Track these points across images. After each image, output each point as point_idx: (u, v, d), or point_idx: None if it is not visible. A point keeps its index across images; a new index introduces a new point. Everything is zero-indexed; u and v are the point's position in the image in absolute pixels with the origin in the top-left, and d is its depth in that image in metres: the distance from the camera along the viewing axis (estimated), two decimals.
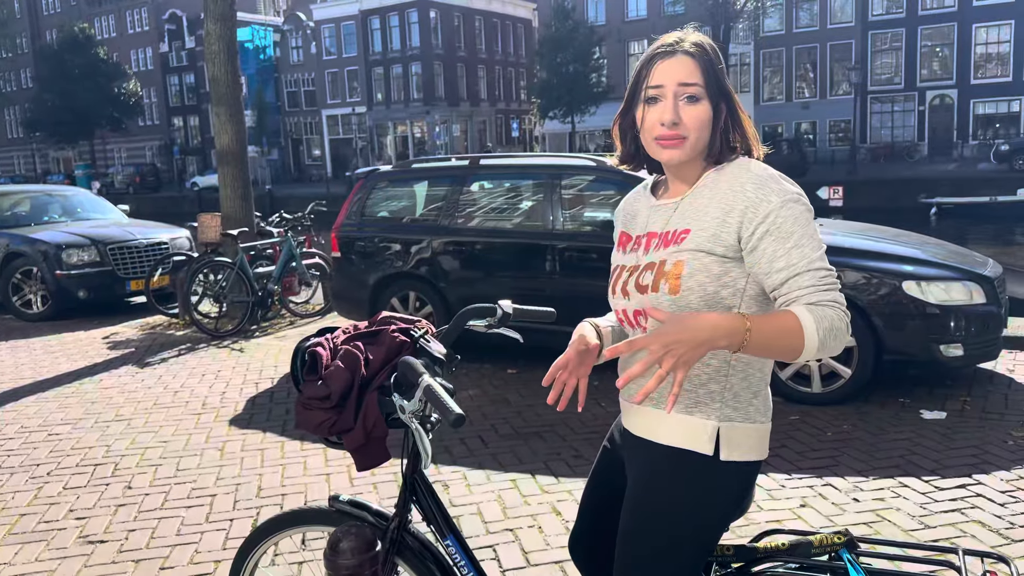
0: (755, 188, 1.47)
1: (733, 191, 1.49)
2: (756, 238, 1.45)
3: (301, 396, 1.70)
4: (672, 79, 1.52)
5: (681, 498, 1.54)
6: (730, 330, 1.33)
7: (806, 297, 1.41)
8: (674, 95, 1.51)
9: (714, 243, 1.48)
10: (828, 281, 1.43)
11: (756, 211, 1.45)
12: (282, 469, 4.13)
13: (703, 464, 1.53)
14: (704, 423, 1.53)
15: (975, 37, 35.93)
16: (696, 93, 1.51)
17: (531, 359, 6.08)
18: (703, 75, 1.51)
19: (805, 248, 1.43)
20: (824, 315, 1.38)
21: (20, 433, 4.87)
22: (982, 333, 4.79)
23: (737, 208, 1.47)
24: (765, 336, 1.35)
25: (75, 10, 62.91)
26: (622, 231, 1.73)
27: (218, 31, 7.97)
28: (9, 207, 9.90)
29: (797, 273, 1.42)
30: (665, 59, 1.54)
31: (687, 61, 1.52)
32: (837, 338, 1.39)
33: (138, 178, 49.62)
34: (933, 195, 24.49)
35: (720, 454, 1.53)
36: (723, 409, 1.53)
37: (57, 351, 7.20)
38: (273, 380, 5.89)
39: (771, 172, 1.50)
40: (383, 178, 6.88)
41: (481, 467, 4.06)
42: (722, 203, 1.49)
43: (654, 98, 1.54)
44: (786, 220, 1.44)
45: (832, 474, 3.82)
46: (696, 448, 1.53)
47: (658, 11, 41.36)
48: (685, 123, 1.51)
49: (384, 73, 51.18)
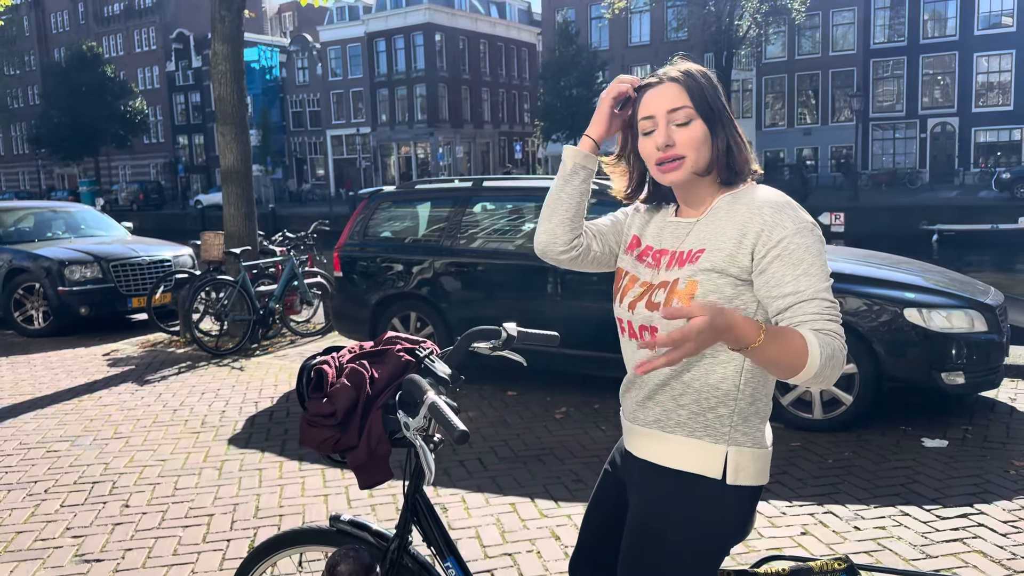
0: (772, 212, 1.49)
1: (751, 214, 1.51)
2: (767, 261, 1.47)
3: (306, 413, 1.71)
4: (661, 107, 1.56)
5: (686, 522, 1.54)
6: (746, 331, 1.32)
7: (810, 323, 1.42)
8: (665, 121, 1.55)
9: (729, 264, 1.50)
10: (832, 312, 1.45)
11: (771, 235, 1.47)
12: (280, 489, 4.11)
13: (710, 488, 1.53)
14: (712, 447, 1.54)
15: (976, 66, 36.18)
16: (686, 116, 1.55)
17: (530, 382, 6.06)
18: (691, 98, 1.55)
19: (813, 278, 1.45)
20: (827, 343, 1.40)
21: (18, 449, 4.86)
22: (984, 361, 4.79)
23: (752, 230, 1.49)
24: (774, 348, 1.36)
25: (84, 29, 63.53)
26: (635, 234, 1.75)
27: (225, 52, 8.04)
28: (13, 223, 9.94)
29: (803, 300, 1.44)
30: (652, 90, 1.59)
31: (672, 87, 1.57)
32: (835, 368, 1.41)
33: (142, 195, 49.88)
34: (934, 222, 24.54)
35: (727, 478, 1.53)
36: (732, 433, 1.54)
37: (57, 367, 7.19)
38: (272, 399, 5.88)
39: (788, 199, 1.54)
40: (386, 198, 6.91)
41: (480, 490, 4.04)
42: (739, 225, 1.51)
43: (649, 130, 1.58)
44: (798, 247, 1.46)
45: (833, 501, 3.80)
46: (704, 472, 1.53)
47: (661, 37, 41.71)
48: (679, 144, 1.55)
49: (389, 94, 51.56)
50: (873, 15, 37.93)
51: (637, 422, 1.65)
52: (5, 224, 9.78)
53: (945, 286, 5.10)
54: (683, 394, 1.56)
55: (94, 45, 51.11)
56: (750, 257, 1.49)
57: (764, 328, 1.34)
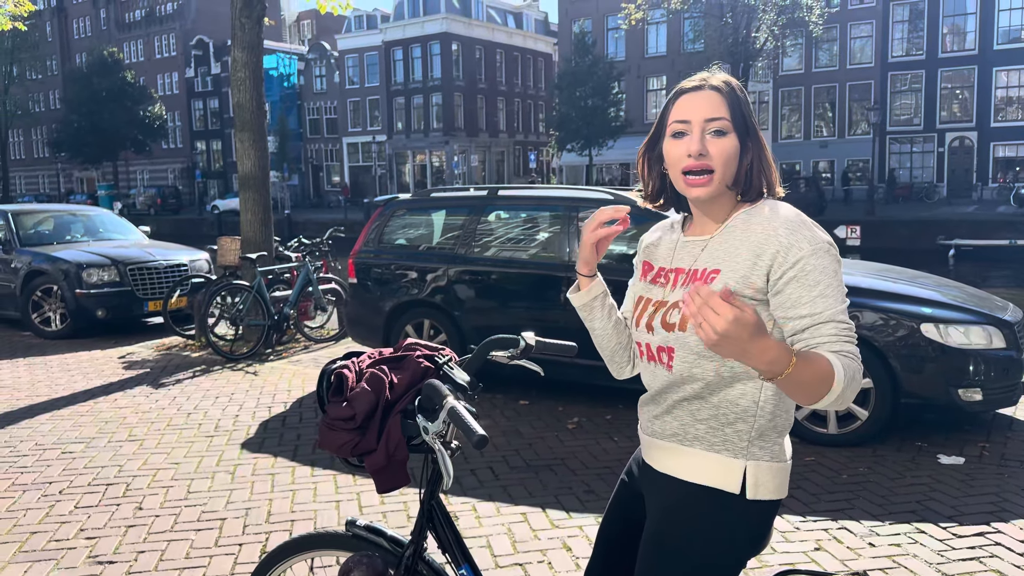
0: (788, 233, 1.47)
1: (766, 234, 1.49)
2: (783, 282, 1.46)
3: (325, 417, 1.72)
4: (699, 114, 1.53)
5: (704, 535, 1.53)
6: (776, 359, 1.26)
7: (827, 345, 1.41)
8: (701, 129, 1.53)
9: (743, 285, 1.49)
10: (848, 333, 1.44)
11: (787, 256, 1.46)
12: (292, 494, 4.12)
13: (728, 502, 1.53)
14: (731, 461, 1.53)
15: (995, 80, 35.96)
16: (723, 127, 1.52)
17: (543, 391, 6.06)
18: (729, 110, 1.53)
19: (829, 299, 1.44)
20: (848, 365, 1.39)
21: (34, 450, 4.90)
22: (1001, 378, 4.74)
23: (768, 252, 1.47)
24: (806, 373, 1.31)
25: (105, 35, 64.28)
26: (645, 260, 1.74)
27: (244, 59, 8.11)
28: (32, 226, 10.04)
29: (820, 322, 1.43)
30: (691, 94, 1.56)
31: (714, 96, 1.54)
32: (854, 390, 1.40)
33: (160, 200, 50.32)
34: (951, 237, 24.36)
35: (746, 492, 1.52)
36: (750, 448, 1.53)
37: (74, 369, 7.25)
38: (286, 404, 5.90)
39: (804, 218, 1.52)
40: (401, 206, 6.93)
41: (491, 499, 4.03)
42: (754, 246, 1.50)
43: (680, 132, 1.55)
44: (815, 269, 1.45)
45: (847, 517, 3.77)
46: (723, 486, 1.53)
47: (677, 48, 41.71)
48: (712, 155, 1.52)
49: (405, 103, 51.82)
50: (891, 28, 37.79)
51: (655, 435, 1.64)
52: (25, 227, 9.88)
53: (963, 301, 5.06)
54: (701, 409, 1.56)
55: (115, 51, 51.66)
56: (765, 278, 1.48)
57: (795, 355, 1.30)
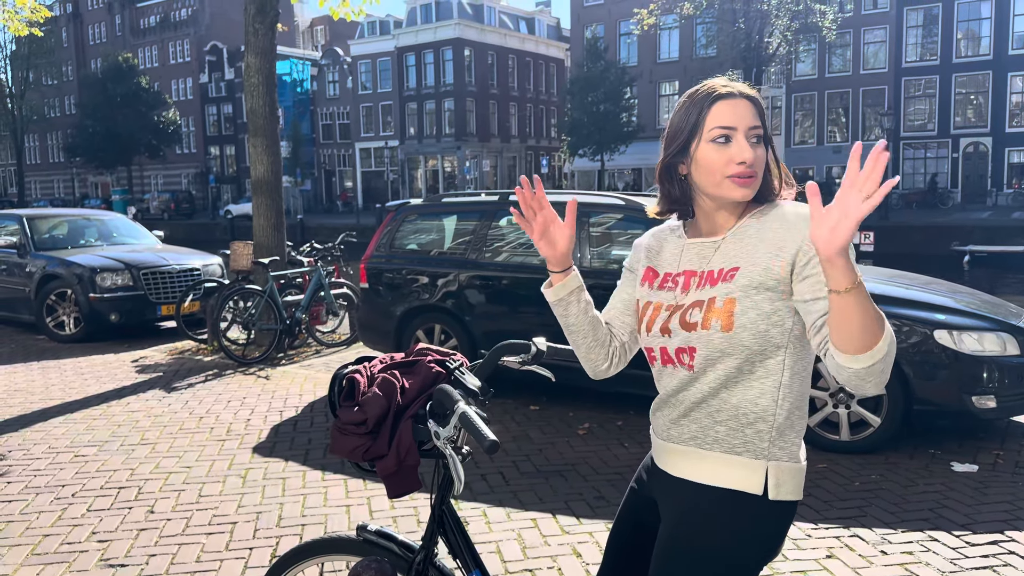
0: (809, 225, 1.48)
1: (786, 229, 1.51)
2: (811, 267, 1.46)
3: (337, 421, 1.72)
4: (743, 121, 1.55)
5: (724, 539, 1.53)
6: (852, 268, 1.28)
7: None
8: (745, 136, 1.55)
9: (766, 277, 1.50)
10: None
11: (811, 248, 1.46)
12: (303, 499, 4.14)
13: (751, 504, 1.52)
14: (753, 463, 1.53)
15: (1010, 86, 35.72)
16: (760, 135, 1.56)
17: (554, 396, 6.05)
18: (761, 120, 1.57)
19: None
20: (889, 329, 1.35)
21: (47, 453, 4.93)
22: (1016, 385, 4.70)
23: (791, 245, 1.49)
24: (865, 300, 1.29)
25: (120, 40, 64.83)
26: (648, 266, 1.73)
27: (258, 64, 8.16)
28: (47, 230, 10.13)
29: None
30: (729, 100, 1.56)
31: (749, 105, 1.57)
32: (890, 361, 1.34)
33: (173, 204, 50.63)
34: (966, 243, 24.20)
35: (768, 494, 1.52)
36: (771, 449, 1.53)
37: (87, 373, 7.30)
38: (297, 409, 5.92)
39: None
40: (413, 211, 6.95)
41: (501, 505, 4.03)
42: (775, 240, 1.52)
43: (726, 138, 1.55)
44: None
45: (859, 525, 3.74)
46: (745, 488, 1.52)
47: (690, 53, 41.66)
48: (756, 162, 1.55)
49: (417, 108, 51.98)
50: (905, 33, 37.62)
51: (671, 440, 1.64)
52: (39, 231, 9.97)
53: (977, 308, 5.03)
54: (720, 411, 1.56)
55: (130, 57, 52.10)
56: (790, 268, 1.48)
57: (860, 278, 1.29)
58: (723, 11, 30.14)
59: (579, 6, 46.39)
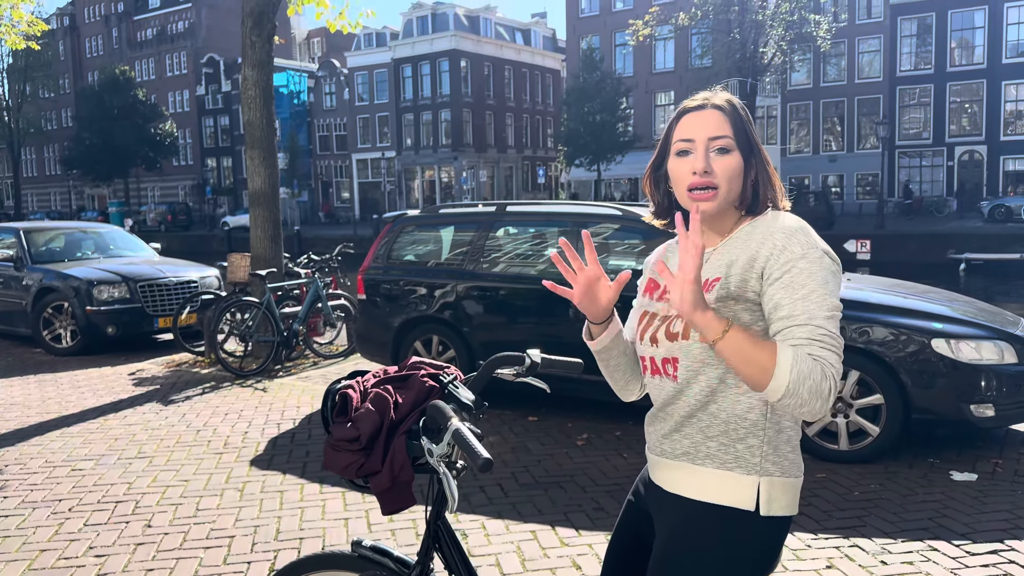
0: (783, 237, 1.49)
1: (763, 239, 1.52)
2: (768, 283, 1.47)
3: (330, 438, 1.72)
4: (702, 132, 1.56)
5: (717, 554, 1.52)
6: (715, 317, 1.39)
7: (796, 345, 1.40)
8: (705, 148, 1.55)
9: (742, 287, 1.50)
10: (827, 341, 1.41)
11: (778, 258, 1.47)
12: (301, 512, 4.12)
13: (743, 520, 1.52)
14: (744, 478, 1.52)
15: (1004, 94, 35.89)
16: (726, 145, 1.55)
17: (552, 407, 6.04)
18: (732, 128, 1.56)
19: (812, 304, 1.42)
20: (807, 363, 1.37)
21: (44, 468, 4.91)
22: (1014, 394, 4.70)
23: (763, 254, 1.49)
24: (742, 339, 1.37)
25: (117, 53, 64.98)
26: (650, 278, 1.75)
27: (255, 77, 8.18)
28: (44, 243, 10.12)
29: (795, 324, 1.42)
30: (695, 113, 1.59)
31: (716, 115, 1.57)
32: (813, 393, 1.36)
33: (170, 216, 50.57)
34: (962, 251, 24.26)
35: (760, 509, 1.51)
36: (763, 464, 1.53)
37: (84, 386, 7.27)
38: (295, 421, 5.90)
39: (803, 225, 1.53)
40: (410, 222, 6.96)
41: (500, 517, 4.02)
42: (752, 251, 1.52)
43: (685, 151, 1.57)
44: (802, 272, 1.45)
45: (859, 535, 3.73)
46: (737, 504, 1.52)
47: (685, 64, 41.82)
48: (716, 173, 1.54)
49: (414, 119, 52.10)
50: (899, 43, 37.82)
51: (664, 455, 1.63)
52: (36, 244, 9.95)
53: (974, 316, 5.03)
54: (711, 426, 1.55)
55: (127, 69, 52.19)
56: (760, 280, 1.49)
57: (732, 324, 1.38)
58: (718, 21, 30.25)
59: (575, 17, 46.59)
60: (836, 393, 1.39)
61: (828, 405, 1.39)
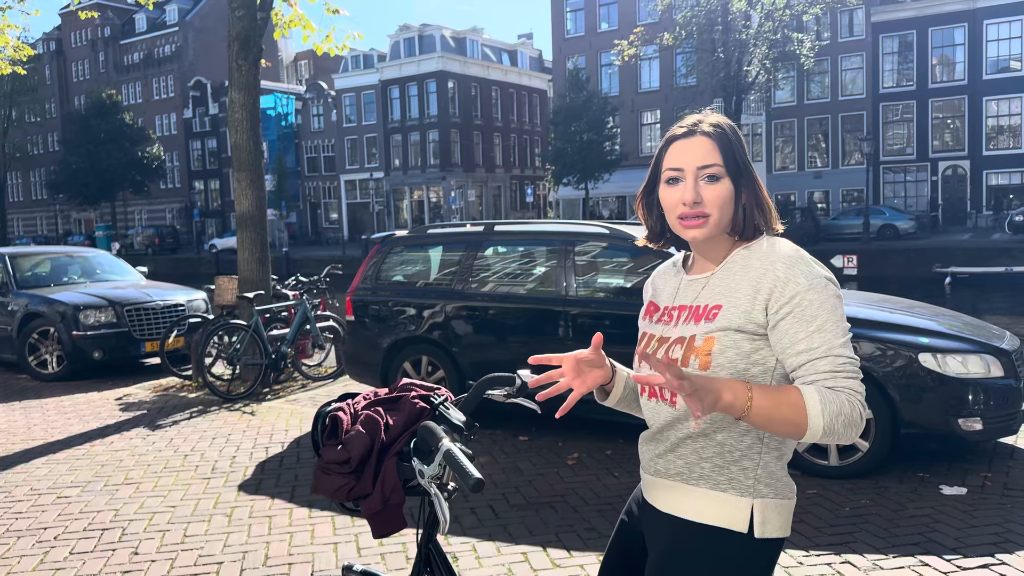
0: (785, 268, 1.49)
1: (764, 269, 1.51)
2: (779, 317, 1.47)
3: (320, 461, 1.70)
4: (691, 161, 1.55)
5: (710, 575, 1.52)
6: (734, 388, 1.37)
7: (822, 382, 1.42)
8: (694, 176, 1.55)
9: (745, 320, 1.50)
10: (848, 368, 1.43)
11: (783, 291, 1.47)
12: (290, 537, 4.08)
13: (735, 542, 1.51)
14: (739, 500, 1.52)
15: (986, 110, 36.34)
16: (716, 173, 1.54)
17: (543, 427, 6.03)
18: (722, 155, 1.55)
19: (827, 333, 1.44)
20: (835, 399, 1.39)
21: (29, 496, 4.85)
22: (1001, 407, 4.72)
23: (765, 286, 1.49)
24: (767, 403, 1.38)
25: (104, 77, 64.94)
26: (650, 300, 1.76)
27: (241, 100, 8.19)
28: (30, 268, 10.05)
29: (816, 357, 1.43)
30: (683, 140, 1.58)
31: (705, 142, 1.55)
32: (848, 425, 1.39)
33: (157, 239, 50.42)
34: (947, 265, 24.45)
35: (754, 531, 1.51)
36: (756, 486, 1.53)
37: (70, 412, 7.21)
38: (283, 444, 5.86)
39: (802, 254, 1.53)
40: (398, 243, 6.95)
41: (491, 538, 3.99)
42: (753, 281, 1.51)
43: (674, 179, 1.57)
44: (812, 303, 1.45)
45: (850, 551, 3.73)
46: (730, 525, 1.52)
47: (670, 83, 42.15)
48: (706, 201, 1.54)
49: (402, 140, 52.23)
50: (881, 60, 38.27)
51: (658, 475, 1.63)
52: (22, 269, 9.89)
53: (960, 331, 5.06)
54: (705, 447, 1.55)
55: (113, 93, 52.17)
56: (764, 313, 1.49)
57: (752, 386, 1.39)
58: (702, 41, 30.56)
59: (560, 38, 46.95)
60: (866, 414, 1.43)
61: (862, 428, 1.43)
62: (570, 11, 46.56)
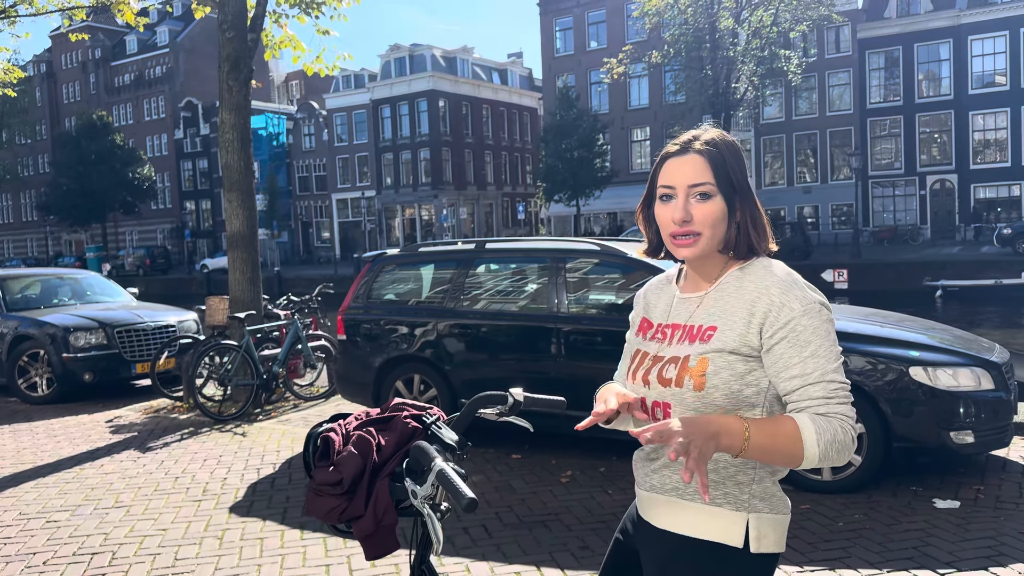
0: (780, 292, 1.50)
1: (758, 292, 1.52)
2: (773, 341, 1.48)
3: (312, 482, 1.69)
4: (682, 180, 1.55)
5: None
6: (730, 428, 1.38)
7: (814, 408, 1.43)
8: (685, 195, 1.55)
9: (740, 343, 1.51)
10: (840, 394, 1.45)
11: (778, 316, 1.48)
12: (281, 559, 4.05)
13: (731, 557, 1.52)
14: (734, 515, 1.53)
15: (972, 124, 36.72)
16: (707, 191, 1.54)
17: (536, 445, 6.01)
18: (713, 173, 1.54)
19: (821, 359, 1.46)
20: (828, 427, 1.41)
21: (18, 520, 4.80)
22: (992, 419, 4.74)
23: (760, 310, 1.50)
24: (763, 438, 1.40)
25: (95, 98, 64.95)
26: (643, 316, 1.75)
27: (232, 120, 8.20)
28: (20, 290, 10.00)
29: (810, 383, 1.45)
30: (676, 158, 1.58)
31: (697, 160, 1.55)
32: (840, 452, 1.42)
33: (148, 260, 50.29)
34: (938, 278, 24.59)
35: (750, 546, 1.51)
36: (752, 501, 1.53)
37: (60, 435, 7.15)
38: (275, 465, 5.82)
39: (796, 278, 1.54)
40: (390, 261, 6.95)
41: (485, 558, 3.97)
42: (747, 304, 1.52)
43: (667, 196, 1.58)
44: (806, 329, 1.47)
45: (844, 566, 3.72)
46: (726, 540, 1.52)
47: (659, 100, 42.45)
48: (697, 220, 1.54)
49: (393, 158, 52.35)
50: (868, 76, 38.67)
51: (654, 491, 1.63)
52: (12, 291, 9.84)
53: (950, 344, 5.09)
54: None
55: (104, 114, 52.16)
56: (759, 336, 1.50)
57: (747, 420, 1.41)
58: (690, 59, 30.77)
59: (550, 57, 47.29)
60: (857, 431, 1.47)
61: (854, 449, 1.46)
62: (559, 30, 46.96)
